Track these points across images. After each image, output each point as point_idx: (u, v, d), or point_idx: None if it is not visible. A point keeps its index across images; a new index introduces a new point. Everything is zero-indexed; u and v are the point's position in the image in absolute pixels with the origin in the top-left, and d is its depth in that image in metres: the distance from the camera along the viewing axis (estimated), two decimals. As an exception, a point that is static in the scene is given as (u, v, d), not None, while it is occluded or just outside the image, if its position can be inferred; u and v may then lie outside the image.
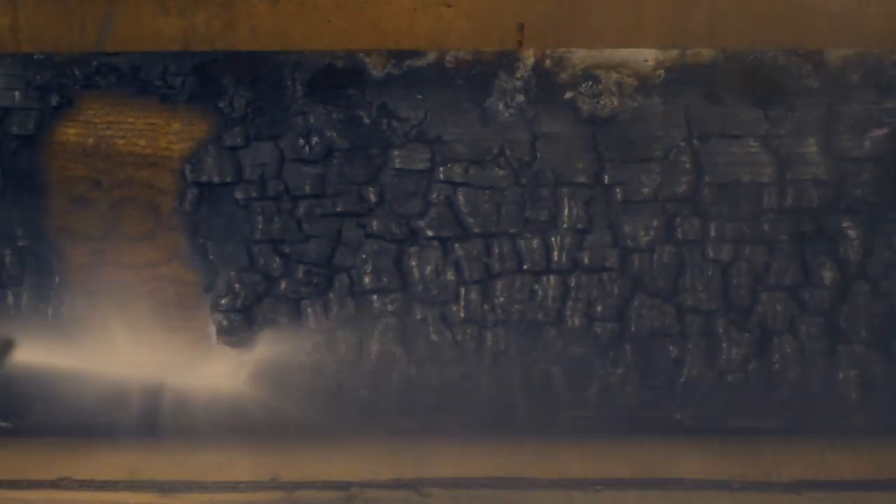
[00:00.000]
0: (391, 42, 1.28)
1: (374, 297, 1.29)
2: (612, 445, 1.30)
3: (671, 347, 1.30)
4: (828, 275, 1.29)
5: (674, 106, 1.27)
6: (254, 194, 1.28)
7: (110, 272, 1.29)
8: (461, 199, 1.28)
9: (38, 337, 1.28)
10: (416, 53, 1.27)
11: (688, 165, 1.27)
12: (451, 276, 1.29)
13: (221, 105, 1.27)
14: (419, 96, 1.27)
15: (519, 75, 1.27)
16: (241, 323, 1.29)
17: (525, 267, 1.29)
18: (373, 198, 1.28)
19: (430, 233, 1.28)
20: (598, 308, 1.29)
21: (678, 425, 1.31)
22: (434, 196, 1.28)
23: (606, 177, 1.28)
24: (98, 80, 1.27)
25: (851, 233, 1.28)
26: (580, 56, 1.27)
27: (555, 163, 1.28)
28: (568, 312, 1.29)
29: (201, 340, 1.30)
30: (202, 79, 1.28)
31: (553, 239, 1.28)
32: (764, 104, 1.27)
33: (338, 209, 1.28)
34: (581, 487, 1.25)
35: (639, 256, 1.29)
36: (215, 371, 1.30)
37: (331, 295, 1.29)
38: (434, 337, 1.29)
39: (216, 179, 1.28)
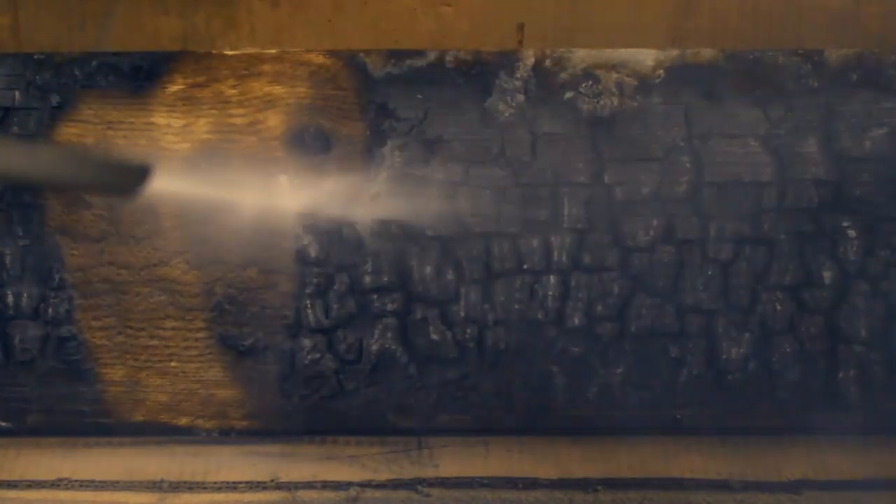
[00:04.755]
0: (391, 42, 1.28)
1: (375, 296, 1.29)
2: (613, 445, 1.30)
3: (671, 347, 1.30)
4: (828, 275, 1.29)
5: (674, 106, 1.27)
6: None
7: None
8: (461, 199, 1.28)
9: None
10: (416, 53, 1.27)
11: (688, 165, 1.27)
12: (451, 275, 1.29)
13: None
14: (419, 96, 1.27)
15: (519, 75, 1.27)
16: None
17: (525, 267, 1.29)
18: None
19: (430, 233, 1.28)
20: (598, 308, 1.29)
21: (678, 425, 1.31)
22: (434, 196, 1.28)
23: (606, 177, 1.28)
24: (98, 79, 1.27)
25: (851, 233, 1.28)
26: (580, 56, 1.27)
27: (555, 163, 1.27)
28: (568, 312, 1.29)
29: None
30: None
31: (553, 239, 1.28)
32: (764, 104, 1.27)
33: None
34: (581, 487, 1.25)
35: (639, 256, 1.28)
36: None
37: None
38: (434, 336, 1.29)
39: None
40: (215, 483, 1.26)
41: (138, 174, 0.96)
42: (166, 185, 1.14)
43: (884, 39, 1.28)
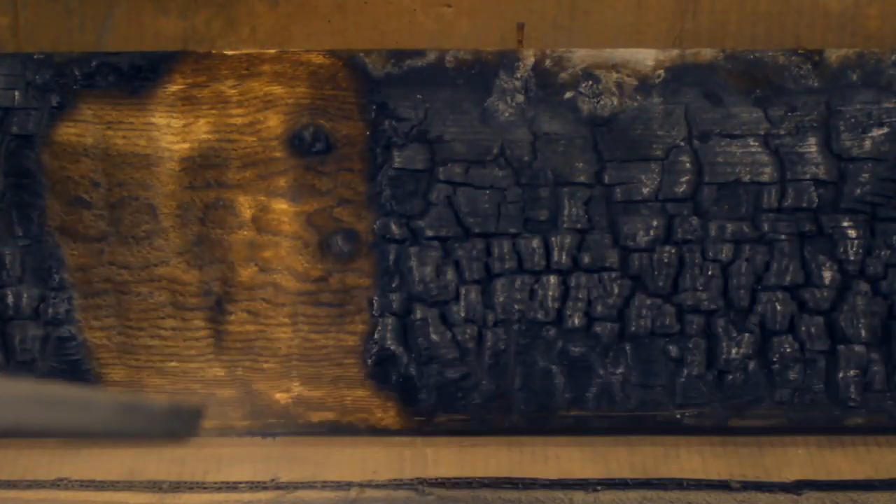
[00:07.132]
0: (391, 42, 1.28)
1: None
2: (613, 445, 1.30)
3: (671, 347, 1.30)
4: (828, 275, 1.29)
5: (674, 106, 1.27)
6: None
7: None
8: (461, 199, 1.28)
9: None
10: (416, 53, 1.27)
11: (688, 165, 1.27)
12: (451, 276, 1.29)
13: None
14: (419, 96, 1.27)
15: (519, 75, 1.27)
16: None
17: (525, 267, 1.29)
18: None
19: (430, 233, 1.28)
20: (598, 308, 1.29)
21: (678, 425, 1.31)
22: (434, 196, 1.28)
23: (606, 177, 1.28)
24: (98, 80, 1.27)
25: (851, 233, 1.28)
26: (580, 56, 1.27)
27: (555, 163, 1.28)
28: (568, 312, 1.29)
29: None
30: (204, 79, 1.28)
31: (553, 239, 1.28)
32: (764, 104, 1.27)
33: (338, 209, 1.28)
34: (581, 487, 1.25)
35: (639, 256, 1.29)
36: None
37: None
38: (434, 337, 1.29)
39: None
40: (215, 483, 1.26)
41: (192, 419, 0.93)
42: None
43: (884, 39, 1.28)
